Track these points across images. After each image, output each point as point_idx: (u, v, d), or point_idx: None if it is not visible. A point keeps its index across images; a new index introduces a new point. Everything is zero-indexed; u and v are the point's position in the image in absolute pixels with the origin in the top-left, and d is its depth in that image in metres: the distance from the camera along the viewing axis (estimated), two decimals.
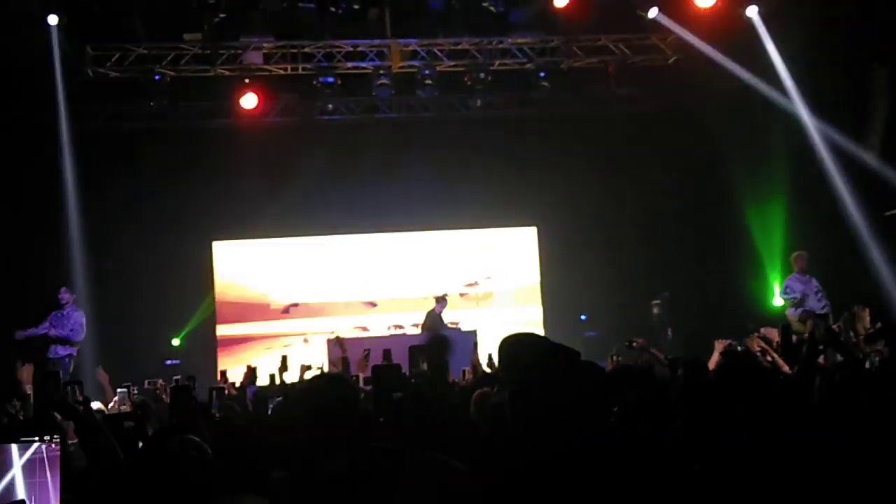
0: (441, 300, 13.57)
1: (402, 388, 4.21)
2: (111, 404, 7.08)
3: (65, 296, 11.52)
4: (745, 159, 13.85)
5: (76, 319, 11.51)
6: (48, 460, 2.46)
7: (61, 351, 11.36)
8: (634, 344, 7.77)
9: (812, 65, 12.30)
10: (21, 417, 5.79)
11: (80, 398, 4.73)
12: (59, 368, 10.10)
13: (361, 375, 7.43)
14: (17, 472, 2.44)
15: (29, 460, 2.42)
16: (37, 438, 2.44)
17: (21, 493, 2.43)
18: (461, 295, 15.63)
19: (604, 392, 2.72)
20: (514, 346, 2.48)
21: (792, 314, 11.24)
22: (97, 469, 3.33)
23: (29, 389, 6.71)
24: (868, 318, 7.09)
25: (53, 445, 2.46)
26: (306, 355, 14.05)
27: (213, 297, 15.18)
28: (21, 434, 2.49)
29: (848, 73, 11.94)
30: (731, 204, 14.13)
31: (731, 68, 13.25)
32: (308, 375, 8.00)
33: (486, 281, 15.93)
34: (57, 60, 12.53)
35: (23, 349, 10.65)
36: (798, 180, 12.94)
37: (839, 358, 5.22)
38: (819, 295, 11.34)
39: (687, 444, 3.10)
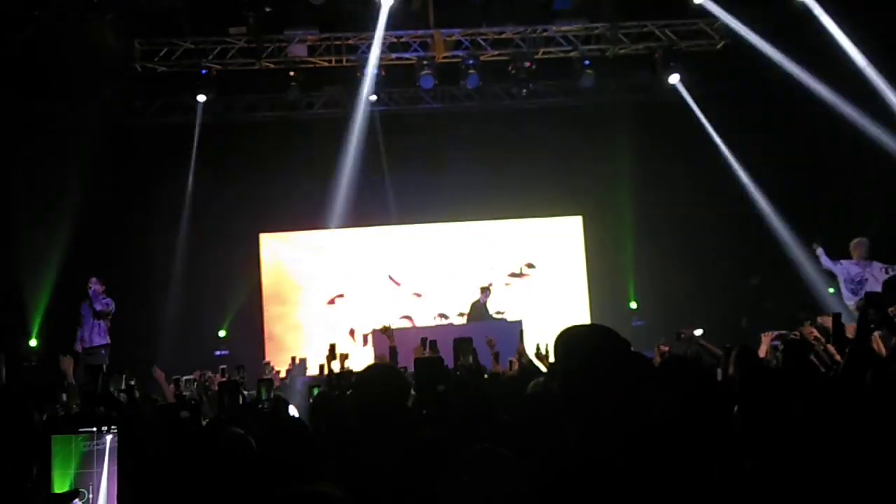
0: (485, 290, 13.57)
1: (445, 380, 4.20)
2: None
3: (96, 286, 11.57)
4: (796, 146, 13.63)
5: (106, 301, 11.56)
6: (108, 451, 2.50)
7: (98, 339, 11.42)
8: (682, 335, 7.67)
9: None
10: (75, 408, 5.89)
11: (124, 387, 4.79)
12: (99, 361, 10.18)
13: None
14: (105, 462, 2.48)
15: (86, 452, 2.46)
16: (94, 429, 2.48)
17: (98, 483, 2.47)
18: (506, 285, 15.59)
19: (650, 383, 2.70)
20: (570, 337, 2.46)
21: (849, 302, 10.92)
22: (141, 460, 3.38)
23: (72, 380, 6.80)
24: None
25: (111, 436, 2.49)
26: (352, 346, 14.20)
27: (259, 288, 15.34)
28: (80, 425, 2.53)
29: None
30: (783, 190, 13.93)
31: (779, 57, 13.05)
32: (347, 364, 8.03)
33: (531, 270, 15.86)
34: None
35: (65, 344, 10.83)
36: (854, 169, 12.72)
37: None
38: (888, 271, 10.90)
39: (739, 436, 3.06)
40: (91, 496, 2.41)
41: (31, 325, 12.84)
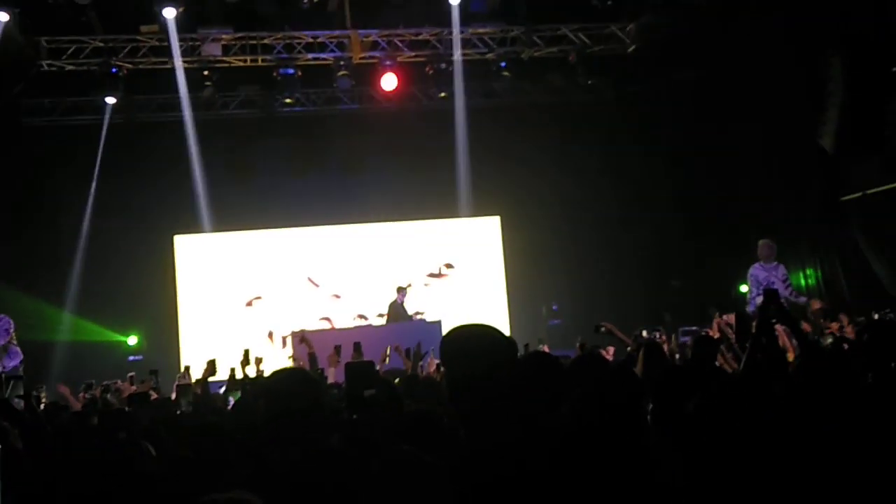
0: (402, 290, 13.62)
1: (373, 385, 4.21)
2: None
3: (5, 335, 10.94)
4: (707, 146, 13.99)
5: (19, 356, 11.08)
6: None
7: (10, 363, 10.90)
8: (602, 329, 7.79)
9: (767, 53, 12.43)
10: None
11: (23, 393, 4.69)
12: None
13: (333, 370, 7.41)
14: None
15: None
16: None
17: None
18: (425, 285, 15.64)
19: (551, 381, 2.76)
20: (454, 340, 2.54)
21: (753, 302, 11.20)
22: (41, 467, 3.31)
23: None
24: (818, 310, 7.20)
25: None
26: (270, 348, 14.06)
27: (175, 291, 15.07)
28: None
29: (804, 61, 12.09)
30: (695, 189, 14.28)
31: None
32: (263, 368, 7.96)
33: (450, 271, 15.93)
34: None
35: None
36: (763, 169, 13.12)
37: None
38: (787, 283, 11.33)
39: (645, 433, 3.13)
40: None
41: None
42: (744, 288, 13.01)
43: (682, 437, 3.04)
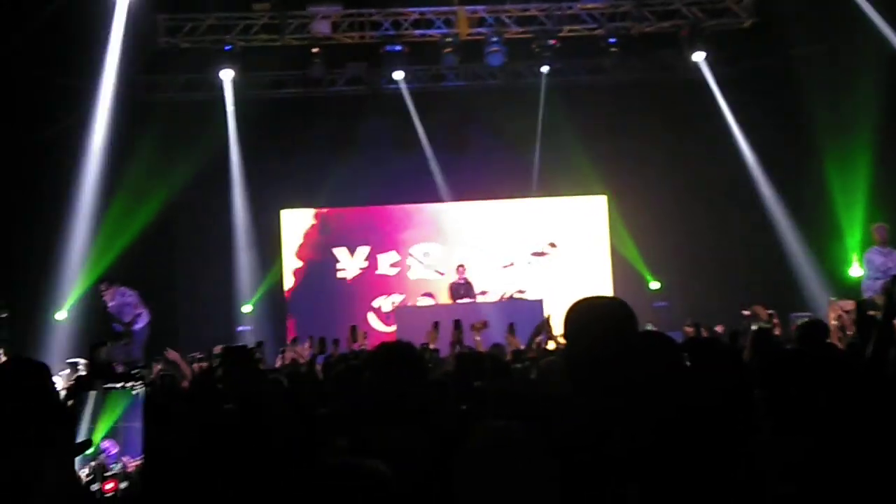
0: (461, 268, 13.78)
1: (483, 377, 4.19)
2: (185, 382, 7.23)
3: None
4: (828, 125, 13.43)
5: (128, 301, 11.62)
6: (134, 406, 2.56)
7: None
8: (747, 313, 7.52)
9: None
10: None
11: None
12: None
13: (431, 346, 7.45)
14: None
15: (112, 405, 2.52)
16: (119, 385, 2.53)
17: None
18: (529, 263, 15.55)
19: (672, 363, 2.67)
20: (578, 308, 2.48)
21: (869, 287, 10.70)
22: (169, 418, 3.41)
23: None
24: None
25: (136, 392, 2.55)
26: (374, 324, 14.23)
27: (281, 264, 15.38)
28: (107, 381, 2.58)
29: None
30: (810, 170, 13.74)
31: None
32: (367, 342, 8.06)
33: (553, 250, 15.77)
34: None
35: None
36: (885, 146, 12.53)
37: None
38: None
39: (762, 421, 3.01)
40: (120, 448, 2.49)
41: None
42: (854, 272, 12.50)
43: (798, 424, 2.90)
